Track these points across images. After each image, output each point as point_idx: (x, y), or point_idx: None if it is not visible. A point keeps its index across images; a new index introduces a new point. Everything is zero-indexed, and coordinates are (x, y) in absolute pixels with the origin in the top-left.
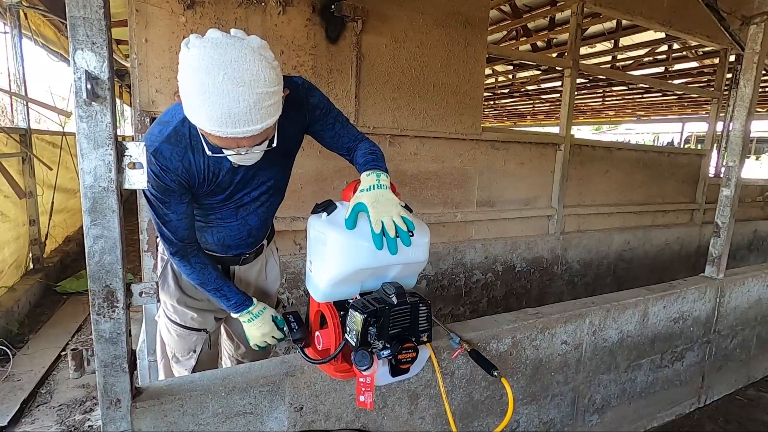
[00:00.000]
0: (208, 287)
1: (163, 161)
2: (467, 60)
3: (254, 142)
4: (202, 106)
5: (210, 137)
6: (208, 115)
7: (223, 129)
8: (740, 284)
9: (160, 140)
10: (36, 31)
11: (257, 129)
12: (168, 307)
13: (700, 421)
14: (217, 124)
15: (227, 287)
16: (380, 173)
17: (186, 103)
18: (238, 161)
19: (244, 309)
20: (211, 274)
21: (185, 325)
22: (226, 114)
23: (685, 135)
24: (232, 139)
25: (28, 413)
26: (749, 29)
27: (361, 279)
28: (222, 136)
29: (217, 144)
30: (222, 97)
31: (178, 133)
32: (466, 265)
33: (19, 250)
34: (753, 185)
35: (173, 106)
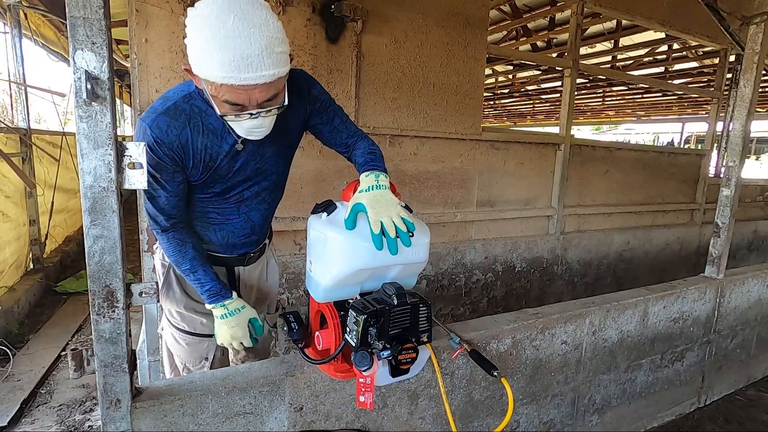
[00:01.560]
0: (183, 267)
1: (158, 133)
2: (467, 60)
3: (266, 95)
4: (214, 51)
5: (221, 92)
6: (220, 61)
7: (236, 74)
8: (740, 284)
9: (158, 112)
10: (36, 31)
11: (270, 75)
12: (174, 316)
13: (700, 421)
14: (230, 69)
15: (203, 271)
16: (379, 173)
17: (196, 55)
18: (247, 132)
19: (218, 301)
20: (188, 254)
21: (195, 332)
22: (239, 56)
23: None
24: (244, 91)
25: (28, 413)
26: (749, 29)
27: (361, 279)
28: (235, 83)
29: (229, 99)
30: (234, 39)
31: (178, 108)
32: (466, 265)
33: (19, 250)
34: (753, 185)
35: (178, 85)
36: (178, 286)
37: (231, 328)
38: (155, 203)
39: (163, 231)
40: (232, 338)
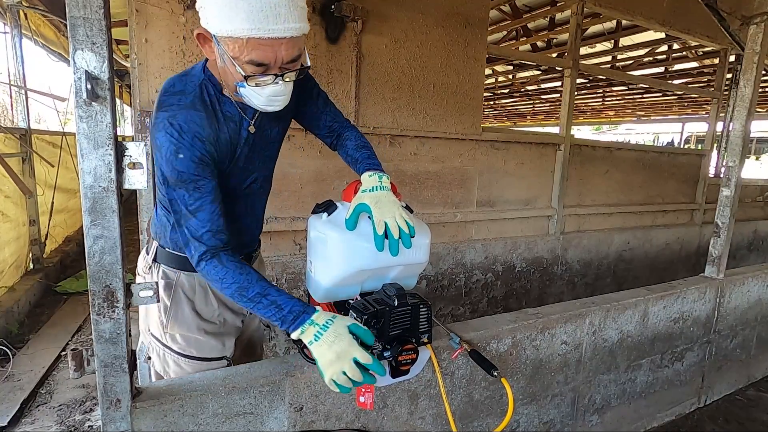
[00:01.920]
0: (251, 293)
1: (195, 128)
2: (467, 60)
3: (291, 53)
4: (243, 1)
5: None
6: (248, 12)
7: (265, 25)
8: (740, 284)
9: (184, 107)
10: (36, 31)
11: (296, 28)
12: (178, 341)
13: (700, 421)
14: (258, 20)
15: (275, 290)
16: (382, 175)
17: (217, 9)
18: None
19: (305, 320)
20: (252, 275)
21: (203, 357)
22: (268, 6)
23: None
24: (270, 47)
25: (28, 413)
26: (749, 29)
27: (361, 280)
28: (264, 36)
29: (255, 57)
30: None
31: (201, 99)
32: (466, 265)
33: (19, 250)
34: (753, 185)
35: (173, 79)
36: (189, 306)
37: (331, 347)
38: (197, 218)
39: (212, 255)
40: (339, 359)
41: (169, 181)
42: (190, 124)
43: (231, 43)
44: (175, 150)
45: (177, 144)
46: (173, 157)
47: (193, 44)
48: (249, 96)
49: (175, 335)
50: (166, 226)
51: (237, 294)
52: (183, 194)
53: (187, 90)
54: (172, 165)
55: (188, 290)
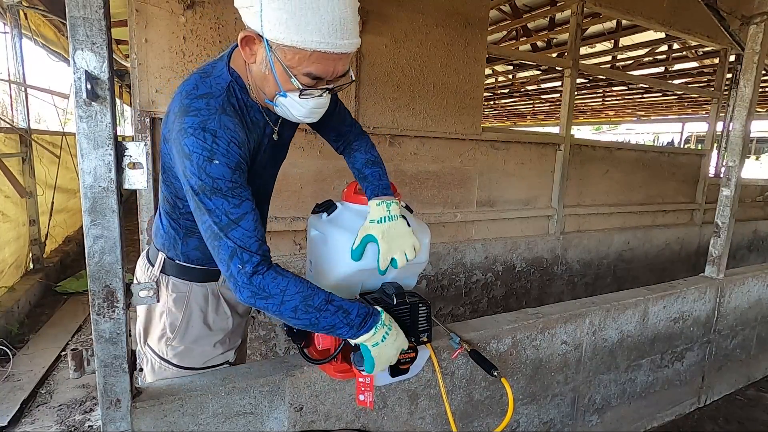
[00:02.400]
0: (317, 301)
1: (230, 133)
2: (467, 60)
3: (345, 67)
4: (313, 12)
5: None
6: (318, 25)
7: (334, 40)
8: (740, 284)
9: (215, 111)
10: (36, 31)
11: (357, 43)
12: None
13: (700, 421)
14: (328, 34)
15: (337, 296)
16: (391, 203)
17: (284, 17)
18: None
19: (375, 322)
20: (310, 282)
21: (206, 366)
22: (338, 20)
23: (685, 135)
24: (331, 61)
25: (28, 413)
26: (749, 29)
27: (361, 279)
28: (330, 51)
29: (314, 70)
30: (332, 1)
31: (230, 104)
32: (466, 265)
33: (19, 250)
34: (753, 185)
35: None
36: (200, 318)
37: (395, 342)
38: (242, 227)
39: (268, 266)
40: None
41: (202, 190)
42: (224, 129)
43: (291, 53)
44: (209, 156)
45: (211, 150)
46: (207, 163)
47: (193, 44)
48: (289, 107)
49: (179, 348)
50: (176, 240)
51: (301, 305)
52: (222, 203)
53: (214, 93)
54: (206, 172)
55: (201, 302)
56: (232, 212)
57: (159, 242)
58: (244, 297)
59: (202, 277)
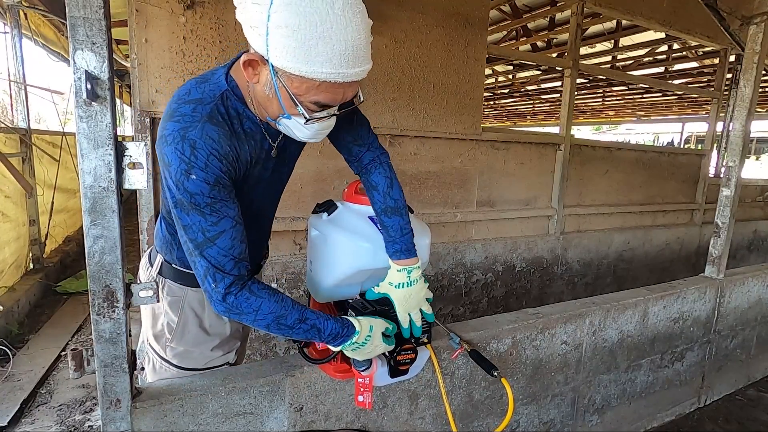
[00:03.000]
0: (290, 320)
1: (212, 145)
2: (467, 60)
3: (355, 91)
4: (324, 42)
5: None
6: (329, 54)
7: (344, 70)
8: (740, 284)
9: (200, 120)
10: (36, 31)
11: (368, 69)
12: (181, 356)
13: (700, 421)
14: (338, 65)
15: (312, 314)
16: (412, 269)
17: (296, 45)
18: (313, 134)
19: (345, 342)
20: (286, 300)
21: (206, 367)
22: (351, 48)
23: (685, 135)
24: (341, 88)
25: (28, 413)
26: (749, 29)
27: (361, 279)
28: (339, 81)
29: (322, 99)
30: (346, 28)
31: (219, 112)
32: (466, 265)
33: (19, 250)
34: (753, 185)
35: (189, 85)
36: (196, 322)
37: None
38: (217, 245)
39: (241, 286)
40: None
41: (179, 204)
42: (205, 140)
43: (298, 81)
44: (186, 170)
45: (189, 163)
46: (184, 177)
47: (193, 44)
48: (293, 128)
49: (178, 349)
50: (172, 244)
51: (273, 324)
52: (199, 219)
53: (204, 99)
54: (183, 186)
55: (197, 307)
56: (208, 230)
57: (158, 244)
58: (218, 311)
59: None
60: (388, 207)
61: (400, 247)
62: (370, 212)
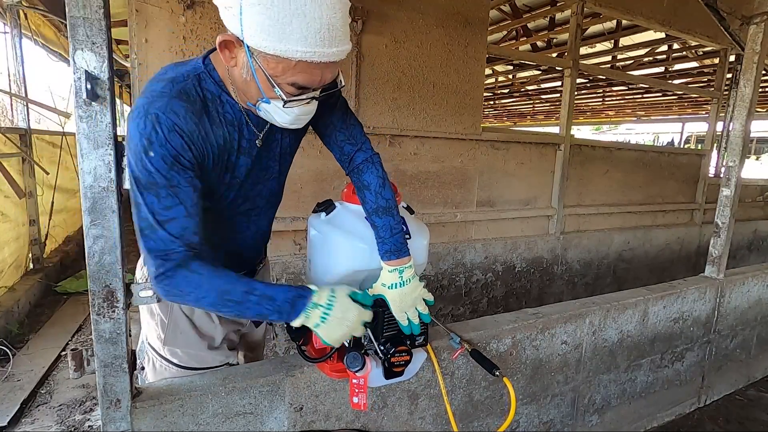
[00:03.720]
0: (235, 294)
1: (175, 119)
2: (467, 60)
3: (334, 74)
4: (298, 20)
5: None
6: (304, 33)
7: (321, 49)
8: (740, 284)
9: (169, 96)
10: (36, 31)
11: (347, 50)
12: (179, 355)
13: (700, 421)
14: (314, 43)
15: (261, 284)
16: (403, 269)
17: (266, 24)
18: (293, 120)
19: (305, 305)
20: (230, 275)
21: (206, 367)
22: (326, 27)
23: (685, 135)
24: (318, 69)
25: (28, 413)
26: (749, 29)
27: (359, 279)
28: (316, 60)
29: (299, 80)
30: (321, 6)
31: (190, 91)
32: (466, 265)
33: (19, 250)
34: (753, 185)
35: (167, 66)
36: (187, 322)
37: (342, 321)
38: (167, 230)
39: (181, 265)
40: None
41: (136, 181)
42: (168, 114)
43: (274, 62)
44: (146, 146)
45: (149, 138)
46: (143, 153)
47: (193, 44)
48: (272, 113)
49: (175, 350)
50: None
51: (219, 300)
52: (152, 200)
53: (177, 78)
54: (142, 163)
55: (186, 309)
56: (160, 213)
57: None
58: (159, 293)
59: None
60: (379, 207)
61: (389, 247)
62: None
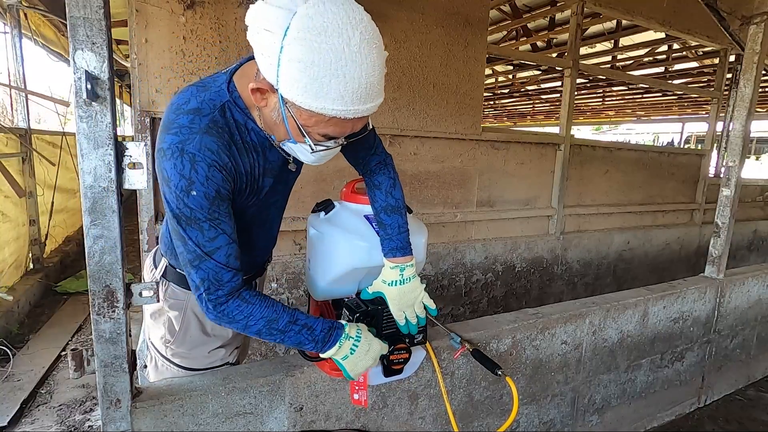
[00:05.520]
0: (281, 324)
1: (211, 157)
2: (467, 60)
3: (363, 123)
4: (338, 81)
5: (326, 125)
6: (341, 92)
7: (356, 106)
8: (740, 284)
9: (198, 131)
10: (36, 31)
11: (380, 102)
12: (183, 356)
13: (700, 421)
14: (350, 102)
15: (301, 313)
16: (405, 266)
17: (308, 81)
18: (316, 159)
19: (339, 336)
20: (277, 305)
21: (207, 368)
22: (364, 85)
23: (685, 135)
24: (350, 122)
25: (28, 413)
26: (749, 29)
27: (357, 278)
28: (349, 117)
29: (331, 132)
30: (361, 65)
31: (218, 124)
32: (466, 265)
33: (19, 250)
34: (753, 185)
35: (188, 93)
36: (198, 326)
37: (367, 354)
38: (215, 259)
39: (232, 294)
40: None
41: (178, 218)
42: (204, 152)
43: (307, 114)
44: (187, 186)
45: (189, 179)
46: (184, 194)
47: (193, 44)
48: (297, 152)
49: (179, 351)
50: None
51: (265, 329)
52: (197, 234)
53: (203, 110)
54: (184, 201)
55: (199, 311)
56: (205, 245)
57: (163, 248)
58: (210, 318)
59: None
60: (389, 205)
61: (395, 244)
62: (366, 211)
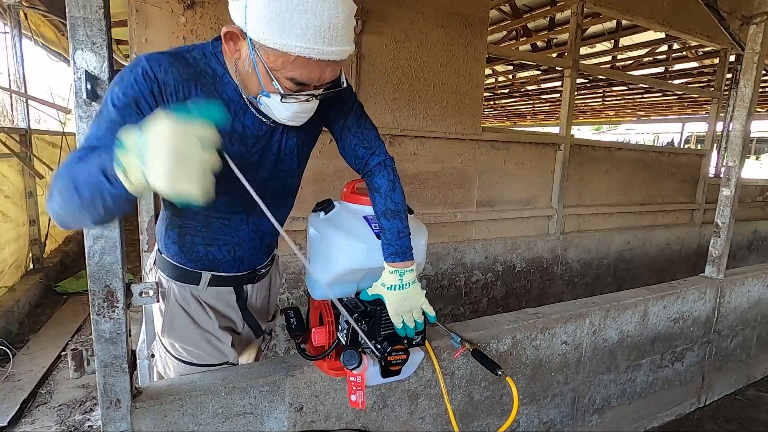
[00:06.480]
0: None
1: (155, 68)
2: (467, 60)
3: (335, 74)
4: (299, 15)
5: (291, 67)
6: (304, 28)
7: (320, 46)
8: (740, 284)
9: (165, 53)
10: (36, 31)
11: (349, 50)
12: (177, 349)
13: (700, 421)
14: (313, 40)
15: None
16: (404, 272)
17: (267, 17)
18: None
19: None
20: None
21: (204, 364)
22: (326, 25)
23: (685, 135)
24: (318, 67)
25: (28, 413)
26: (749, 29)
27: (357, 278)
28: (315, 57)
29: (297, 76)
30: (322, 3)
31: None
32: (466, 265)
33: (19, 250)
34: (753, 185)
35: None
36: (185, 316)
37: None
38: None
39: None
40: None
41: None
42: (151, 63)
43: (273, 55)
44: (117, 80)
45: (122, 74)
46: (112, 86)
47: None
48: (272, 107)
49: (173, 344)
50: (161, 231)
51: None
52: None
53: (182, 47)
54: (108, 95)
55: (182, 301)
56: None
57: (156, 235)
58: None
59: (179, 275)
60: (388, 210)
61: (395, 249)
62: (365, 212)
